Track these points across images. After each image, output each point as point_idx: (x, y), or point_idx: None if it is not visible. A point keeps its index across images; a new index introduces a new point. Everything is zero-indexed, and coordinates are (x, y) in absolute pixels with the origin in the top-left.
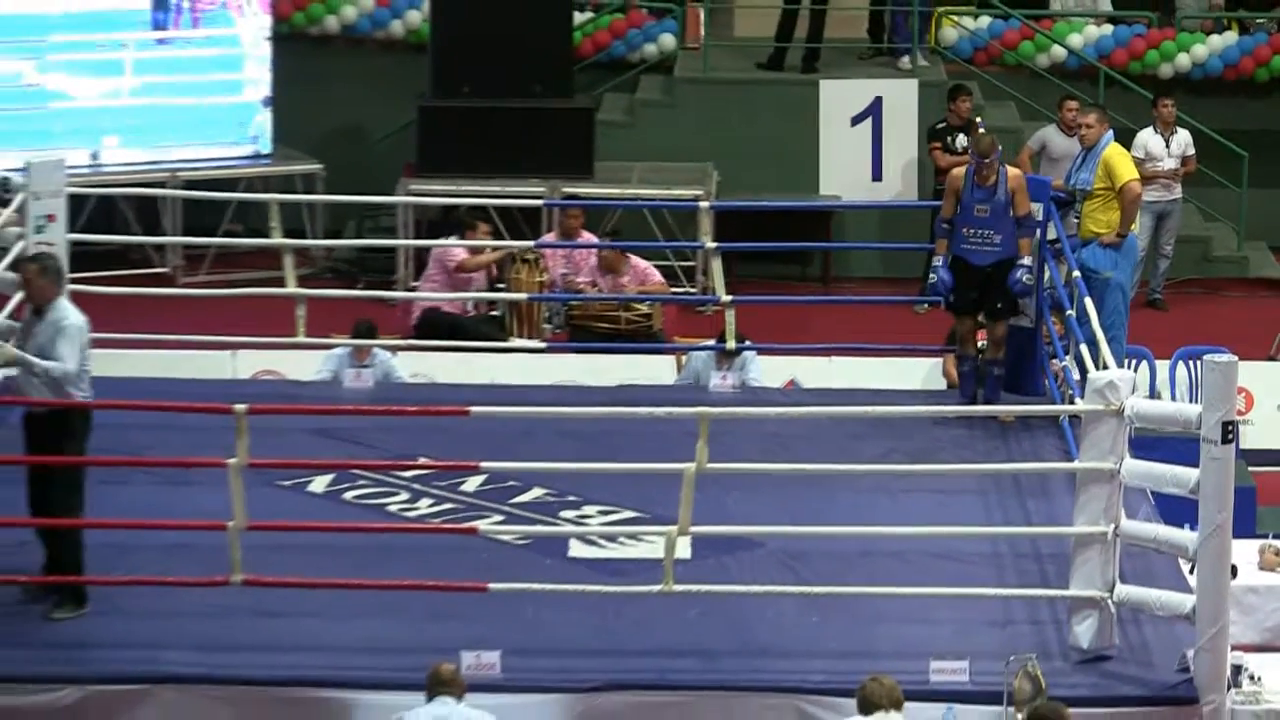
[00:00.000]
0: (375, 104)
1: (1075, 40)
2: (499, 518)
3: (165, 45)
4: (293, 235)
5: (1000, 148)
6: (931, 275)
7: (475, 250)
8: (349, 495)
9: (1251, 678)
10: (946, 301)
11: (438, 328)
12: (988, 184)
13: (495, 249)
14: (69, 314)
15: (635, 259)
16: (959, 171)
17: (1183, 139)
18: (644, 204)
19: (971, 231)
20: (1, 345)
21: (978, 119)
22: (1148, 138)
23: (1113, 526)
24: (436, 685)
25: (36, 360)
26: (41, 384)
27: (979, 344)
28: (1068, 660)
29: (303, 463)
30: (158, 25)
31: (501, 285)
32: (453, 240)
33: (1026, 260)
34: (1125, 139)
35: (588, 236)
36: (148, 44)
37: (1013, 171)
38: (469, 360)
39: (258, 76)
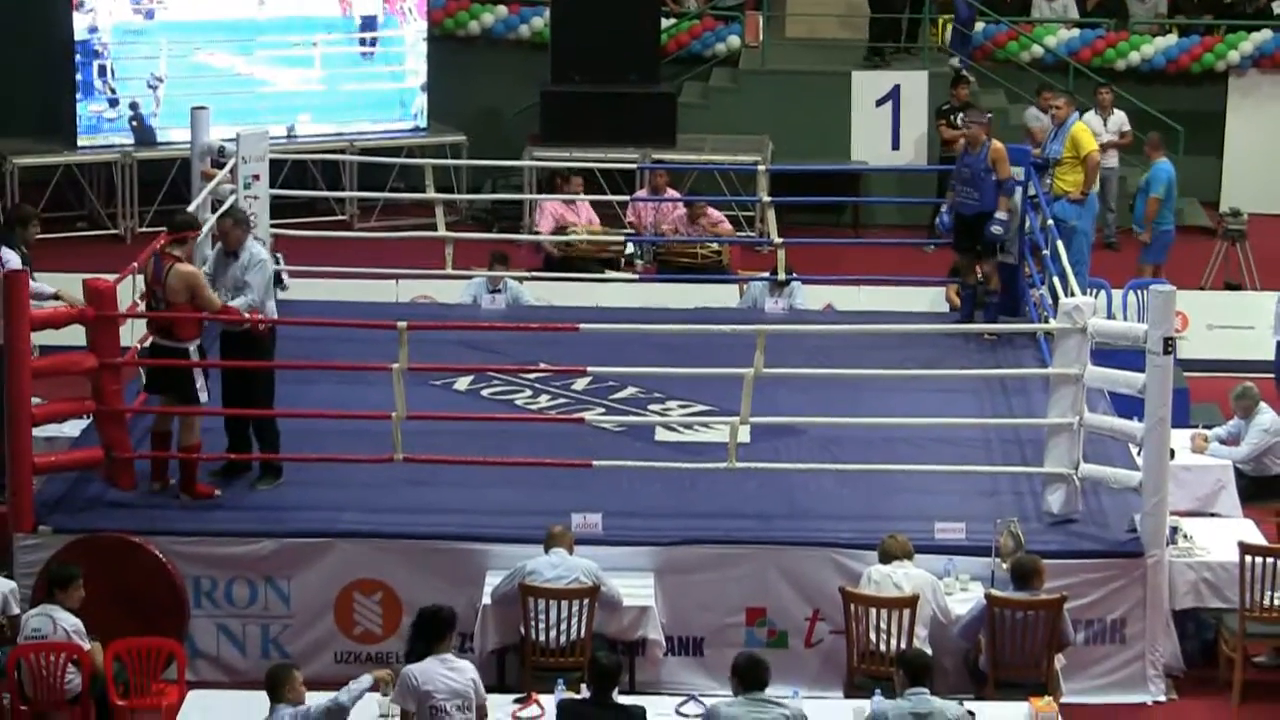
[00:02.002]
0: (507, 89)
1: (1050, 40)
2: (601, 410)
3: (346, 44)
4: (443, 191)
5: (987, 130)
6: (938, 219)
7: (569, 205)
8: (485, 392)
9: (1185, 536)
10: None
11: (554, 265)
12: (971, 152)
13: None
14: (257, 252)
15: (710, 210)
16: (961, 144)
17: (1118, 119)
18: (715, 167)
19: (961, 188)
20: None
21: (987, 113)
22: (1090, 118)
23: (1078, 418)
24: (551, 540)
25: (241, 302)
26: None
27: (975, 275)
28: (1042, 522)
29: (449, 367)
30: (364, 28)
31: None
32: (547, 196)
33: (1000, 214)
34: None
35: (671, 192)
36: (333, 42)
37: (996, 145)
38: (579, 287)
39: (416, 68)
